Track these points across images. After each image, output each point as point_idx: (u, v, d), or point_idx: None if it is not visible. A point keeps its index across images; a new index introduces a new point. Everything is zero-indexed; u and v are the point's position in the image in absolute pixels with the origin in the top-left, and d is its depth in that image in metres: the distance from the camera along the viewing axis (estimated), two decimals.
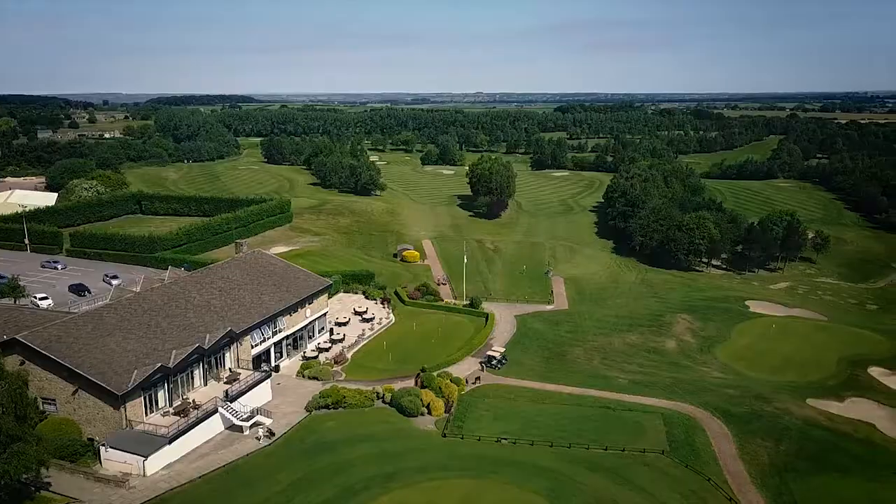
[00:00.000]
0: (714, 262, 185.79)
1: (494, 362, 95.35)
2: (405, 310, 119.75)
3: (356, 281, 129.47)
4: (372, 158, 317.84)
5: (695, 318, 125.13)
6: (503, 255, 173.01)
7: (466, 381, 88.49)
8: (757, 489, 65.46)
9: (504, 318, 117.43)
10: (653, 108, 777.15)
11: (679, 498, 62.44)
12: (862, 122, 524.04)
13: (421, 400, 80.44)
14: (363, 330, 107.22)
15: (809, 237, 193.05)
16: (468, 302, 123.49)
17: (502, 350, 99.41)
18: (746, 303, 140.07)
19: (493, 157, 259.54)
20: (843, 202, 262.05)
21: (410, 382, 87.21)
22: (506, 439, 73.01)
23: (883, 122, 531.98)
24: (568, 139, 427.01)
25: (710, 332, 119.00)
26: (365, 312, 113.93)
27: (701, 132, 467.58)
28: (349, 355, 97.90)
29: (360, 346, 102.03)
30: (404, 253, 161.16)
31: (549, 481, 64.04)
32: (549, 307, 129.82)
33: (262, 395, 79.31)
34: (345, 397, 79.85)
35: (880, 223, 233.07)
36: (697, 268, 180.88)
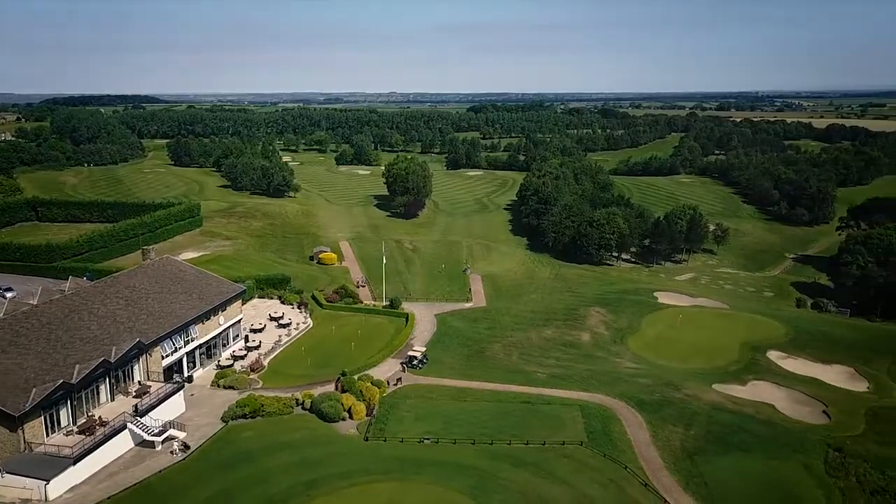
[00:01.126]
0: (624, 255, 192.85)
1: (415, 362, 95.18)
2: (323, 313, 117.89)
3: (271, 286, 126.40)
4: (285, 159, 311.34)
5: (607, 311, 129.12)
6: (422, 254, 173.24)
7: (388, 383, 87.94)
8: (670, 473, 68.18)
9: (424, 318, 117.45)
10: (562, 107, 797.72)
11: (598, 487, 64.25)
12: (754, 120, 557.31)
13: (342, 404, 79.31)
14: (280, 336, 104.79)
15: (711, 230, 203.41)
16: (388, 303, 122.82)
17: (423, 350, 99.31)
18: (655, 294, 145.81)
19: (409, 157, 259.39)
20: (740, 196, 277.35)
21: (330, 387, 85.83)
22: (428, 439, 73.03)
23: (773, 119, 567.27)
24: (481, 139, 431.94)
25: (621, 323, 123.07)
26: (281, 318, 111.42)
27: (608, 130, 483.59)
28: (266, 362, 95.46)
29: (277, 352, 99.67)
30: (321, 255, 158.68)
31: (473, 479, 64.53)
32: (467, 305, 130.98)
33: (174, 407, 76.16)
34: (263, 405, 77.78)
35: (773, 215, 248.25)
36: (608, 262, 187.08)
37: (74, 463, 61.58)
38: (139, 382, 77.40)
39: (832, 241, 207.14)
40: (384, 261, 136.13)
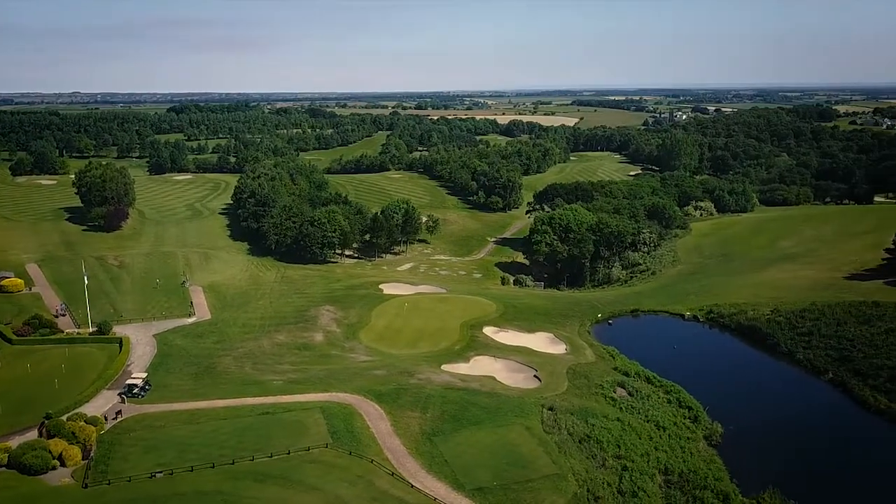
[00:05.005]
0: (347, 252, 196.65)
1: (136, 390, 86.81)
2: (14, 350, 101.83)
3: None
4: None
5: (337, 308, 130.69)
6: (131, 270, 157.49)
7: (106, 419, 79.01)
8: (413, 458, 71.57)
9: (142, 340, 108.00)
10: (269, 107, 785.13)
11: (347, 486, 64.91)
12: (449, 117, 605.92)
13: (50, 452, 69.57)
14: None
15: (423, 221, 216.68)
16: (96, 329, 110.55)
17: (144, 375, 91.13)
18: (380, 286, 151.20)
19: (105, 163, 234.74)
20: (444, 188, 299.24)
21: (33, 434, 74.77)
22: (161, 472, 67.21)
23: (464, 117, 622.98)
24: (186, 141, 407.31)
25: (352, 319, 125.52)
26: None
27: (318, 130, 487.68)
28: None
29: None
30: (3, 282, 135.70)
31: None
32: (190, 320, 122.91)
33: None
34: None
35: (474, 204, 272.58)
36: (333, 259, 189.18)
37: None
38: None
39: (524, 224, 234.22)
40: (86, 281, 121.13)
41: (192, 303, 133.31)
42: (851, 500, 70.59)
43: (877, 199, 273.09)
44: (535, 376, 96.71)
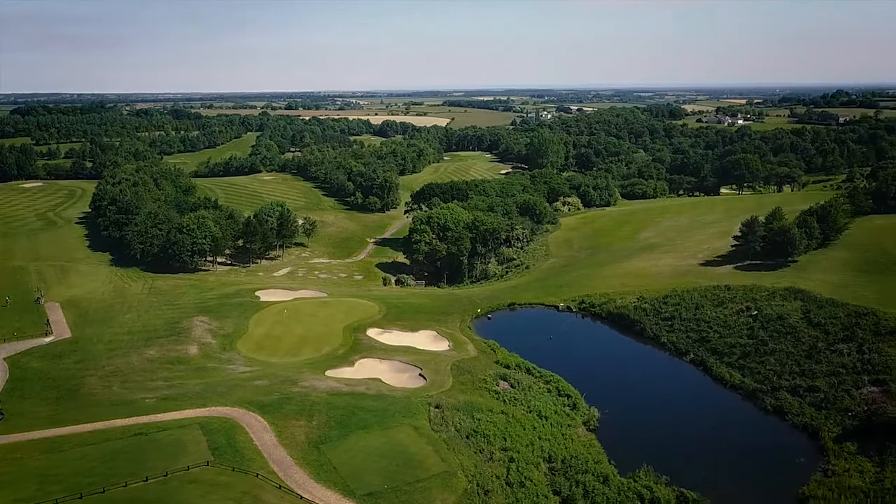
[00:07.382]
0: (219, 259, 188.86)
1: None
2: None
3: None
4: None
5: (212, 319, 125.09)
6: None
7: None
8: (301, 468, 69.71)
9: None
10: (128, 108, 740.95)
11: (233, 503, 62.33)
12: (321, 118, 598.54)
13: None
14: None
15: (300, 224, 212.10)
16: None
17: None
18: (257, 293, 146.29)
19: None
20: (320, 189, 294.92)
21: None
22: None
23: (337, 117, 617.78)
24: (35, 145, 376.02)
25: (228, 329, 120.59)
26: None
27: (182, 132, 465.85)
28: None
29: None
30: None
31: None
32: (47, 339, 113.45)
33: None
34: None
35: (351, 205, 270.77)
36: (204, 267, 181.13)
37: None
38: None
39: (403, 224, 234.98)
40: None
41: (48, 321, 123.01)
42: (716, 469, 76.41)
43: (723, 190, 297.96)
44: (420, 375, 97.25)
